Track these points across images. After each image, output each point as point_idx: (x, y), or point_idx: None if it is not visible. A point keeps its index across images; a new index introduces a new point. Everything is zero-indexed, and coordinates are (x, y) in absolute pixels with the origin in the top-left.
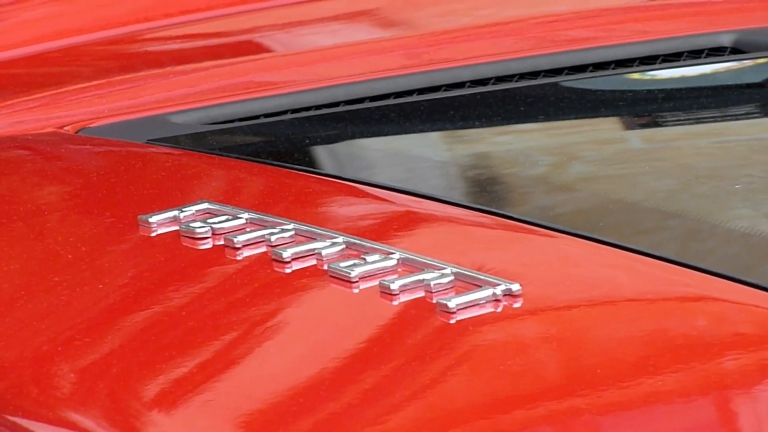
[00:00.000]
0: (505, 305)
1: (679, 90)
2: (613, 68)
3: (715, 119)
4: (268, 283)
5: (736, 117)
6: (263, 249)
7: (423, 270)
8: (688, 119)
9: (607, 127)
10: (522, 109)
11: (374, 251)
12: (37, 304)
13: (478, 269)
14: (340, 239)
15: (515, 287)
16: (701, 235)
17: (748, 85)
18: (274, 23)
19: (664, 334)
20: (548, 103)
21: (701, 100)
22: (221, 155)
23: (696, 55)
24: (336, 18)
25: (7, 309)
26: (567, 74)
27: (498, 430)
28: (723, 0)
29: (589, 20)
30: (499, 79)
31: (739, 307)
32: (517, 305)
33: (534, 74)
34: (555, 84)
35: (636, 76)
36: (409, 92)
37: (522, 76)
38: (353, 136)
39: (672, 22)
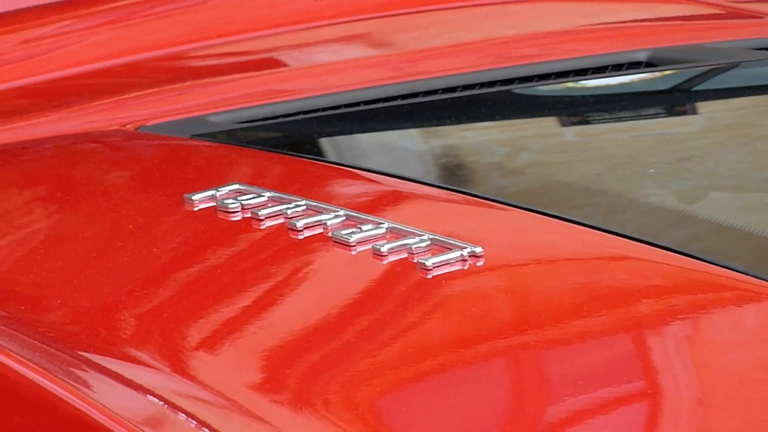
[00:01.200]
0: (470, 264)
1: (605, 96)
2: (553, 79)
3: (632, 118)
4: (285, 247)
5: (648, 116)
6: (281, 220)
7: (406, 236)
8: (611, 118)
9: (549, 125)
10: (482, 111)
11: (368, 222)
12: (107, 263)
13: (449, 236)
14: (342, 213)
15: (478, 249)
16: (620, 207)
17: (659, 92)
18: (288, 44)
19: (590, 285)
20: (502, 106)
21: (622, 104)
22: (249, 147)
23: (618, 68)
24: (336, 40)
25: (84, 267)
26: (517, 84)
27: (464, 357)
28: (638, 26)
29: (534, 41)
30: (465, 88)
31: (649, 264)
32: (479, 264)
33: (491, 84)
34: (508, 91)
35: (571, 85)
36: (394, 98)
37: (482, 85)
38: (352, 132)
39: (599, 42)
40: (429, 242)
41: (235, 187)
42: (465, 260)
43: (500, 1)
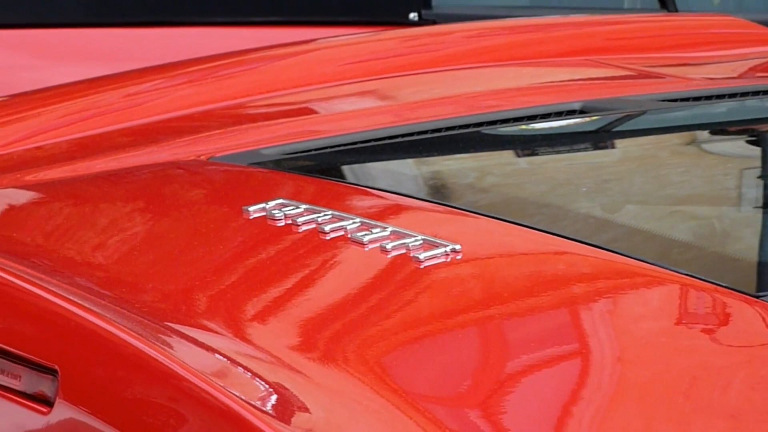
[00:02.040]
0: (451, 257)
1: (549, 135)
2: (511, 122)
3: (568, 151)
4: (316, 244)
5: (580, 150)
6: (313, 225)
7: (404, 237)
8: (554, 151)
9: (508, 156)
10: (459, 145)
11: (376, 227)
12: (185, 256)
13: (436, 237)
14: (357, 220)
15: (458, 247)
16: (560, 215)
17: (588, 132)
18: (319, 97)
19: (533, 270)
20: (474, 142)
21: (562, 141)
22: (290, 172)
23: (558, 115)
24: (354, 94)
25: (169, 260)
26: (484, 126)
27: (445, 322)
28: (572, 84)
29: (495, 95)
30: (447, 129)
31: (576, 256)
32: (458, 257)
33: (466, 126)
34: (478, 132)
35: (524, 126)
36: (396, 136)
37: (459, 127)
38: (364, 161)
39: (544, 96)
40: (421, 242)
41: (280, 201)
42: (447, 255)
43: (469, 67)
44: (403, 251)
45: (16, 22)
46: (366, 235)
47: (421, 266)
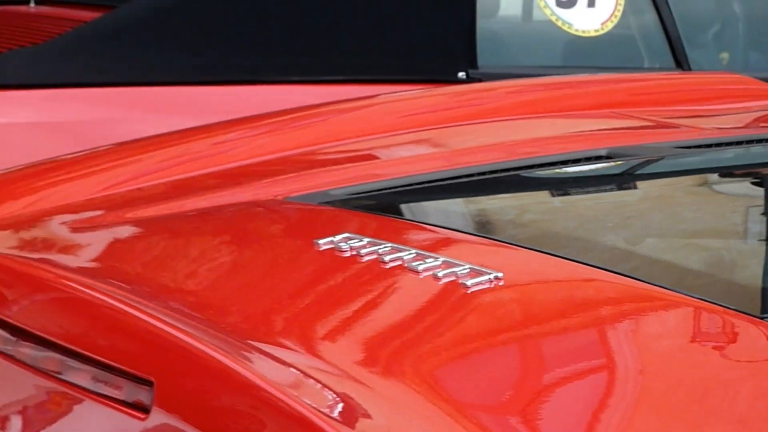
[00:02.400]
0: (495, 284)
1: (580, 178)
2: (546, 167)
3: (596, 192)
4: (376, 274)
5: (606, 191)
6: (375, 256)
7: (454, 266)
8: (583, 192)
9: (543, 196)
10: (500, 186)
11: (430, 257)
12: (265, 281)
13: (481, 266)
14: (413, 251)
15: (500, 275)
16: (590, 247)
17: (614, 175)
18: (379, 145)
19: (568, 294)
20: (514, 184)
21: (590, 182)
22: (356, 210)
23: (588, 160)
24: (409, 142)
25: (251, 284)
26: (522, 170)
27: (489, 338)
28: (599, 133)
29: (531, 143)
30: (490, 172)
31: (604, 283)
32: (501, 284)
33: (506, 170)
34: (517, 174)
35: (557, 170)
36: (445, 179)
37: (501, 171)
38: (419, 201)
39: (575, 143)
40: (468, 270)
41: (346, 235)
42: (491, 281)
43: (510, 119)
44: (453, 278)
45: (117, 81)
46: (420, 264)
47: (468, 291)
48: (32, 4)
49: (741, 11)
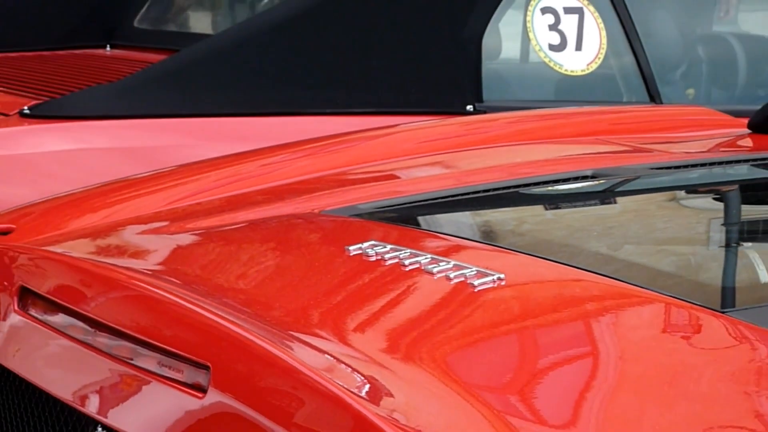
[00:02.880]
0: (497, 283)
1: (568, 194)
2: (541, 185)
3: (581, 206)
4: (398, 275)
5: (590, 205)
6: (396, 261)
7: (463, 269)
8: (570, 206)
9: (537, 209)
10: (503, 202)
11: (442, 262)
12: (302, 283)
13: (486, 269)
14: (429, 256)
15: (502, 276)
16: (576, 252)
17: (596, 192)
18: (399, 166)
19: (557, 291)
20: (514, 200)
21: (577, 198)
22: (381, 222)
23: (575, 179)
24: (426, 164)
25: (291, 287)
26: (521, 188)
27: (491, 327)
28: (584, 156)
29: (528, 165)
30: (494, 189)
31: (588, 283)
32: (503, 283)
33: (508, 187)
34: (517, 191)
35: (550, 187)
36: (455, 195)
37: (503, 188)
38: (433, 214)
39: (565, 165)
40: (475, 272)
41: (372, 242)
42: (495, 281)
43: (510, 144)
44: (462, 279)
45: (178, 113)
46: (435, 267)
47: (475, 290)
48: (108, 48)
49: (704, 54)
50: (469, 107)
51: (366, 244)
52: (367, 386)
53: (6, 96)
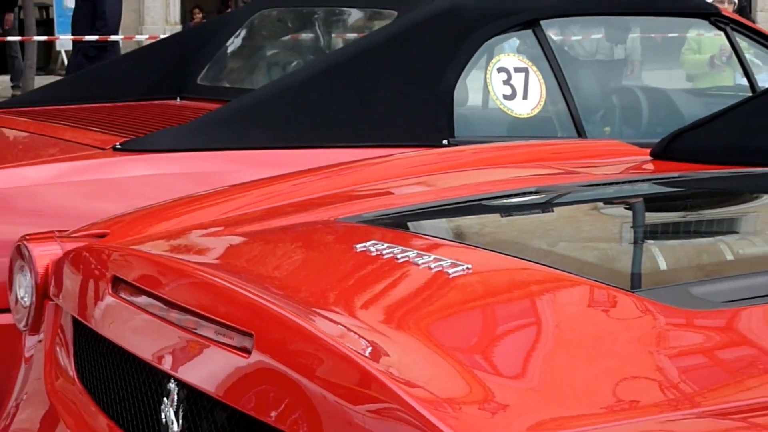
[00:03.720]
0: (466, 272)
1: (519, 205)
2: (498, 199)
3: (528, 214)
4: (392, 266)
5: (534, 213)
6: (391, 255)
7: (440, 261)
8: (521, 213)
9: (496, 216)
10: (473, 212)
11: (426, 256)
12: (320, 273)
13: (458, 260)
14: (416, 252)
15: (470, 266)
16: (526, 249)
17: (541, 203)
18: (393, 186)
19: (512, 278)
20: (479, 209)
21: (524, 208)
22: (379, 227)
23: (519, 195)
24: (413, 184)
25: (312, 275)
26: (484, 200)
27: (459, 303)
28: (530, 176)
29: (491, 184)
30: (463, 203)
31: (535, 270)
32: (470, 271)
33: (474, 201)
34: (480, 203)
35: (505, 200)
36: (436, 207)
37: (474, 200)
38: (420, 220)
39: (516, 183)
40: (450, 263)
41: (373, 242)
42: (464, 270)
43: (474, 169)
44: (440, 268)
45: (229, 147)
46: (419, 260)
47: (450, 276)
48: (178, 100)
49: (617, 101)
50: (445, 141)
51: (369, 243)
52: (370, 348)
53: (103, 135)
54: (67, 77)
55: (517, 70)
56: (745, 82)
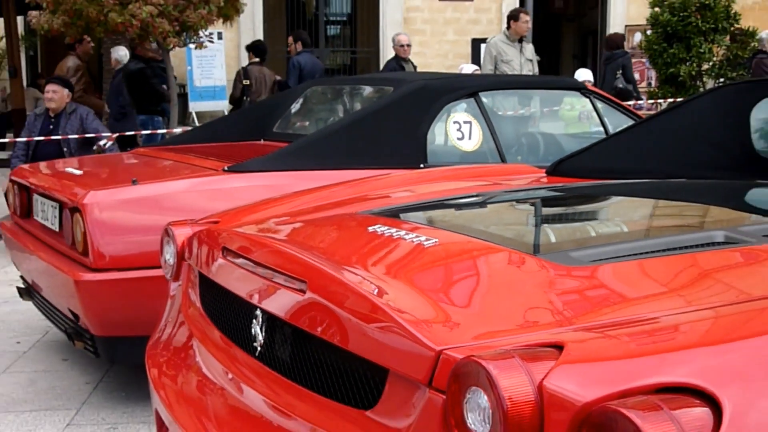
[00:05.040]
0: (434, 244)
1: (467, 203)
2: (454, 200)
3: (471, 208)
4: (392, 240)
5: (477, 207)
6: (390, 234)
7: (420, 237)
8: (468, 208)
9: (452, 211)
10: (437, 209)
11: (410, 234)
12: (345, 246)
13: (429, 237)
14: (404, 232)
15: (437, 240)
16: (467, 230)
17: (480, 202)
18: (390, 193)
19: (456, 247)
20: (442, 207)
21: (470, 205)
22: (383, 217)
23: (469, 197)
24: (401, 191)
25: (340, 247)
26: (446, 201)
27: (421, 265)
28: (475, 186)
29: (448, 191)
30: (434, 202)
31: (470, 242)
32: (437, 243)
33: (440, 202)
34: (442, 203)
35: (458, 201)
36: (420, 205)
37: (436, 202)
38: (407, 212)
39: (463, 191)
40: (424, 238)
41: (379, 226)
42: (435, 243)
43: (440, 182)
44: (420, 242)
45: (297, 168)
46: (407, 236)
47: (424, 246)
48: (261, 141)
49: (524, 141)
50: (422, 165)
51: (376, 227)
52: (376, 290)
53: (217, 162)
54: (194, 128)
55: (465, 122)
56: (601, 129)
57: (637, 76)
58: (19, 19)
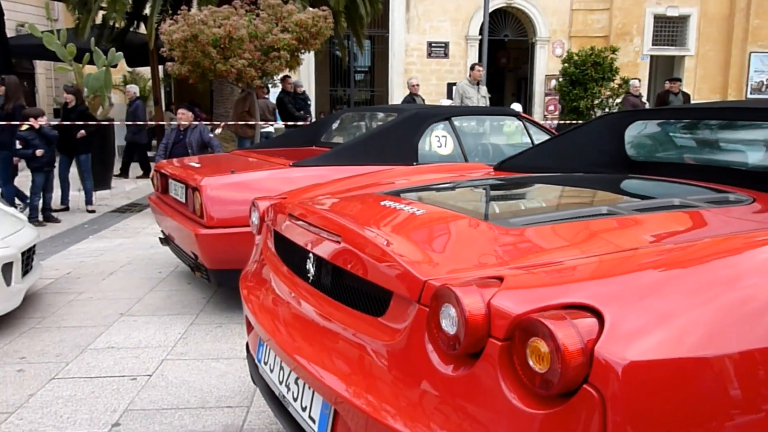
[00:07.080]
0: (423, 213)
1: (442, 188)
2: (436, 184)
3: (447, 191)
4: (396, 210)
5: (451, 189)
6: (395, 206)
7: (413, 208)
8: (444, 190)
9: (435, 192)
10: (425, 191)
11: (408, 206)
12: (370, 212)
13: (419, 209)
14: (404, 205)
15: (423, 210)
16: (448, 206)
17: (452, 186)
18: (394, 180)
19: (437, 216)
20: (428, 190)
21: (445, 188)
22: (390, 196)
23: (445, 183)
24: (401, 179)
25: (362, 214)
26: (431, 185)
27: (421, 223)
28: (450, 178)
29: (432, 180)
30: (423, 186)
31: (447, 214)
32: (424, 213)
33: (427, 186)
34: (427, 186)
35: (437, 186)
36: (411, 188)
37: (426, 186)
38: (406, 193)
39: (442, 180)
40: (416, 209)
41: (388, 201)
42: (425, 213)
43: (430, 173)
44: (413, 212)
45: (330, 164)
46: (406, 208)
47: (416, 215)
48: (313, 147)
49: (480, 150)
50: (414, 163)
51: (385, 202)
52: (385, 241)
53: (286, 159)
54: (271, 138)
55: (442, 136)
56: (529, 141)
57: (551, 107)
58: (160, 67)
